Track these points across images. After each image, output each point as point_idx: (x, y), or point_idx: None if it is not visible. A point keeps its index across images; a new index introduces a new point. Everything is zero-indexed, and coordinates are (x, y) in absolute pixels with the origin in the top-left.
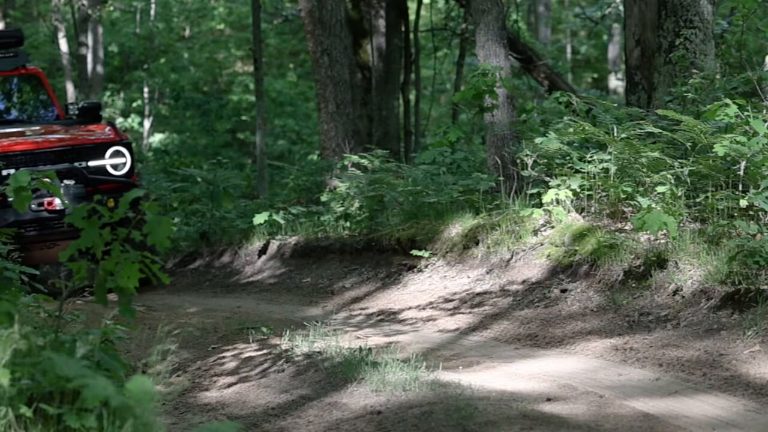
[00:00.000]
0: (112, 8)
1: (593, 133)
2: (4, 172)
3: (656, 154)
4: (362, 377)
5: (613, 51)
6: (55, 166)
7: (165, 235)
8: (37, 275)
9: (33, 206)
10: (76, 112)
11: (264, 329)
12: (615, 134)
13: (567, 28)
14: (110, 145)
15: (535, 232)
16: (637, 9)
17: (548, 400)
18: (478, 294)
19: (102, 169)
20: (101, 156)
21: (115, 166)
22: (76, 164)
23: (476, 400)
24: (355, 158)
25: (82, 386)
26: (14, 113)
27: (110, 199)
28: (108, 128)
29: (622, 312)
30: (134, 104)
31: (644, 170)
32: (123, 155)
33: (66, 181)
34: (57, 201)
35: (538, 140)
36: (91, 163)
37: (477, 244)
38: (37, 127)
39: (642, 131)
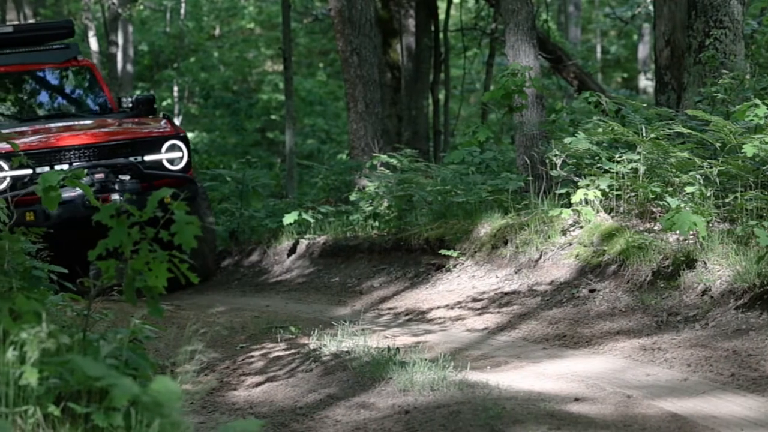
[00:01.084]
0: (142, 7)
1: (622, 133)
2: (57, 167)
3: (685, 154)
4: (390, 377)
5: (643, 51)
6: (110, 161)
7: (192, 235)
8: (66, 273)
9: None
10: (130, 104)
11: (292, 329)
12: (644, 134)
13: (597, 27)
14: (167, 138)
15: (564, 232)
16: (667, 9)
17: (576, 400)
18: (507, 294)
19: (158, 164)
20: (157, 150)
21: (171, 161)
22: (131, 159)
23: (504, 400)
24: (384, 158)
25: (108, 386)
26: (66, 106)
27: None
28: (164, 121)
29: (650, 312)
30: (164, 103)
31: (673, 170)
32: (180, 149)
33: (121, 177)
34: (113, 197)
35: (567, 140)
36: (147, 158)
37: (505, 243)
38: (90, 121)
39: (671, 131)
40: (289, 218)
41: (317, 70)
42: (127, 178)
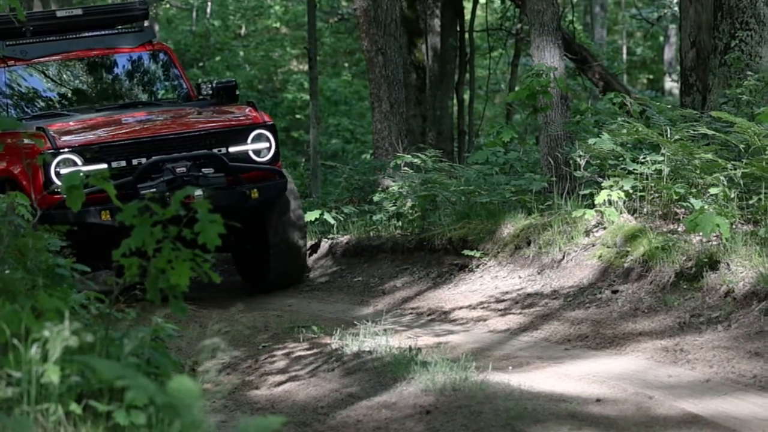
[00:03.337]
0: (168, 6)
1: (646, 134)
2: (135, 161)
3: (709, 155)
4: (412, 377)
5: (668, 52)
6: (191, 153)
7: (216, 233)
8: (89, 272)
9: None
10: (210, 91)
11: (314, 328)
12: (668, 135)
13: (623, 29)
14: (253, 128)
15: (587, 233)
16: (693, 10)
17: (597, 400)
18: (529, 294)
19: (244, 156)
20: (242, 141)
21: (257, 152)
22: (215, 150)
23: (525, 401)
24: (407, 158)
25: (126, 386)
26: (141, 94)
27: (254, 189)
28: (248, 109)
29: (673, 313)
30: None
31: (697, 172)
32: (267, 139)
33: (204, 170)
34: (196, 192)
35: (591, 141)
36: (232, 149)
37: (529, 244)
38: (168, 110)
39: (695, 133)
40: (310, 216)
41: (342, 69)
42: (210, 171)
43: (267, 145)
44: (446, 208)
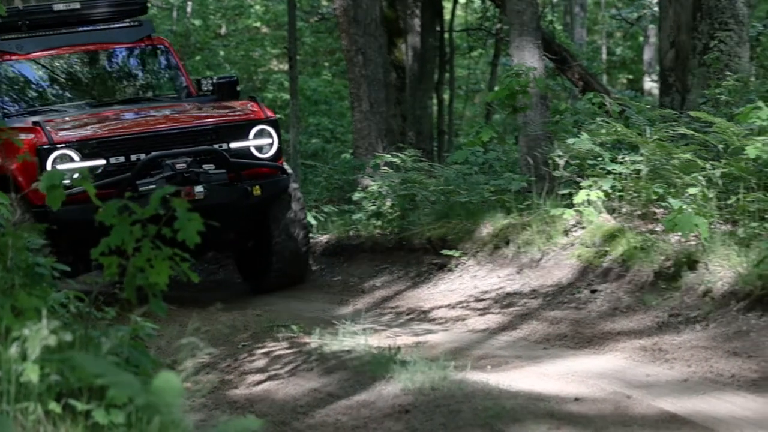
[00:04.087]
0: (149, 5)
1: (625, 134)
2: (133, 157)
3: (688, 155)
4: (391, 376)
5: (648, 52)
6: (192, 149)
7: (195, 231)
8: (69, 271)
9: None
10: (210, 87)
11: (294, 327)
12: (647, 135)
13: (602, 29)
14: (255, 123)
15: (566, 233)
16: (672, 11)
17: (576, 400)
18: (508, 294)
19: (245, 152)
20: (244, 136)
21: (259, 148)
22: (216, 146)
23: (504, 400)
24: (387, 157)
25: (109, 384)
26: (140, 89)
27: (256, 186)
28: (250, 104)
29: (651, 313)
30: None
31: (676, 172)
32: (269, 135)
33: (205, 166)
34: (197, 189)
35: (570, 141)
36: (233, 145)
37: (508, 243)
38: (167, 105)
39: (674, 133)
40: None
41: (322, 69)
42: (211, 167)
43: (269, 140)
44: (426, 208)
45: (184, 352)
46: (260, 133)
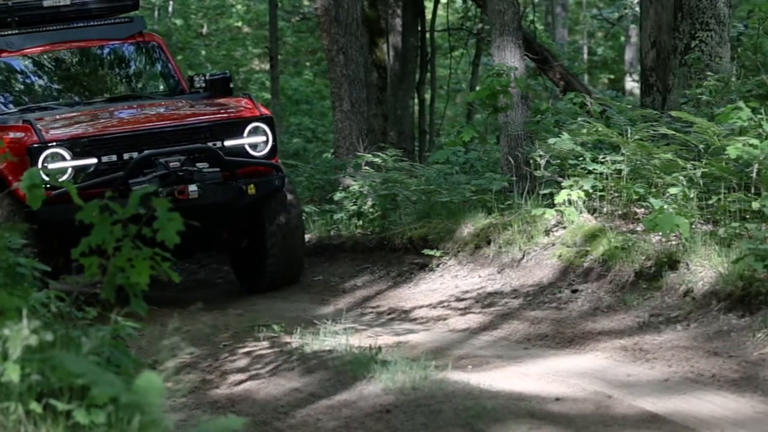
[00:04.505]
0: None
1: (606, 134)
2: (126, 155)
3: (669, 155)
4: (372, 376)
5: (629, 52)
6: (185, 147)
7: (175, 231)
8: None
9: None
10: (203, 84)
11: (275, 327)
12: (628, 135)
13: (584, 29)
14: (249, 120)
15: (547, 233)
16: (653, 11)
17: (557, 399)
18: (489, 293)
19: (240, 150)
20: (238, 134)
21: (254, 146)
22: (210, 144)
23: (485, 400)
24: (368, 157)
25: (91, 383)
26: (132, 87)
27: (251, 185)
28: (244, 101)
29: (632, 313)
30: None
31: (657, 172)
32: (264, 132)
33: (199, 165)
34: (191, 188)
35: (551, 140)
36: (227, 143)
37: (489, 243)
38: (160, 102)
39: (655, 133)
40: None
41: (304, 68)
42: (205, 166)
43: (264, 138)
44: (407, 208)
45: (165, 351)
46: (255, 131)
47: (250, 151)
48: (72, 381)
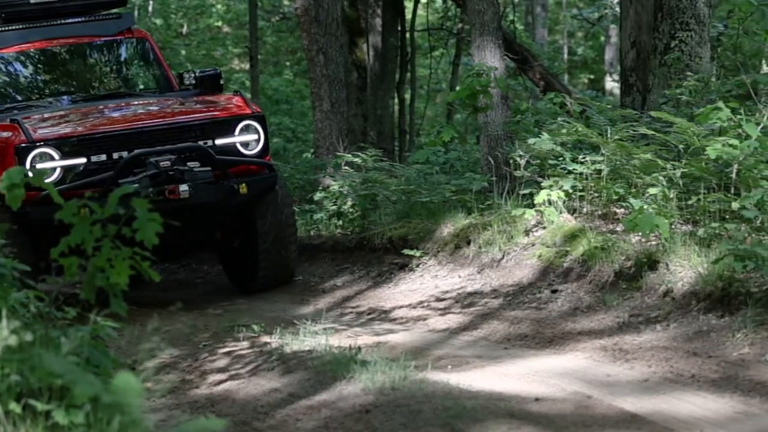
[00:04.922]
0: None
1: (586, 134)
2: (115, 154)
3: (649, 155)
4: (351, 376)
5: (609, 52)
6: (176, 145)
7: (154, 231)
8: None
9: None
10: (193, 81)
11: (255, 327)
12: (608, 136)
13: (564, 29)
14: (240, 118)
15: (527, 233)
16: (633, 11)
17: (536, 399)
18: (469, 294)
19: (231, 148)
20: (230, 132)
21: (246, 144)
22: (201, 143)
23: (464, 400)
24: (348, 157)
25: (70, 383)
26: (120, 84)
27: (242, 184)
28: (236, 98)
29: (612, 313)
30: None
31: (636, 172)
32: (255, 131)
33: (190, 164)
34: (182, 187)
35: (531, 141)
36: (218, 141)
37: (468, 243)
38: (149, 100)
39: (635, 133)
40: None
41: (284, 68)
42: (196, 165)
43: (255, 136)
44: (387, 208)
45: (145, 352)
46: (246, 129)
47: (242, 150)
48: (51, 381)
